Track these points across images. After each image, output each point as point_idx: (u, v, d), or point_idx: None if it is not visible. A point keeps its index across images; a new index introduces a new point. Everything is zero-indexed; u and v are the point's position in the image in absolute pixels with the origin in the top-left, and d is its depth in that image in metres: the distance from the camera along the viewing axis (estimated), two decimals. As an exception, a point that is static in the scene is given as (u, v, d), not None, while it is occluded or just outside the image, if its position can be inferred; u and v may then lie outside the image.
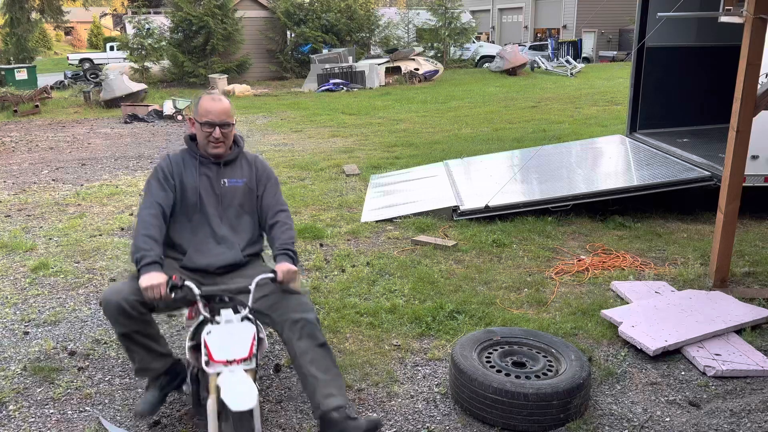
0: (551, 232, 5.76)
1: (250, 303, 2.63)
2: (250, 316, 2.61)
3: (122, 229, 6.13)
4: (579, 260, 5.07)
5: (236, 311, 2.61)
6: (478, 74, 23.39)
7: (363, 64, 20.35)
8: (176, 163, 2.98)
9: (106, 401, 3.30)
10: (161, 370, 2.93)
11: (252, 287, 2.63)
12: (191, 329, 2.79)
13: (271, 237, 2.98)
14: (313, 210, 6.66)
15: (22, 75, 19.16)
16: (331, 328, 3.98)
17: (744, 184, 4.66)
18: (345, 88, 18.87)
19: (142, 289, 2.59)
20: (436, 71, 21.79)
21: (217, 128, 2.89)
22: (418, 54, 23.01)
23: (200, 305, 2.60)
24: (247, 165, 3.09)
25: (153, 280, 2.59)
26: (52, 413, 3.20)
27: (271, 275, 2.70)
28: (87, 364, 3.67)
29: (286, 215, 3.05)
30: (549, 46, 28.24)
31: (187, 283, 2.60)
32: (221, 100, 2.92)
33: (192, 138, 3.03)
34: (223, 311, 2.55)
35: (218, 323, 2.53)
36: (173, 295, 2.60)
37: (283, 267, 2.75)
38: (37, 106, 15.58)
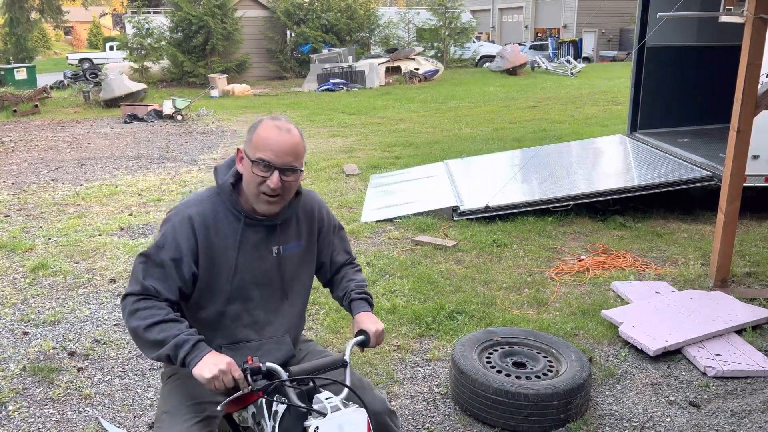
0: (552, 232, 5.76)
1: (348, 380, 1.94)
2: (356, 400, 1.89)
3: (122, 229, 6.13)
4: (579, 260, 5.07)
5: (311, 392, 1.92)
6: (478, 74, 23.39)
7: (363, 64, 20.35)
8: (203, 228, 1.95)
9: (106, 401, 3.29)
10: None
11: (347, 357, 1.97)
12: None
13: (339, 276, 2.27)
14: (313, 210, 6.65)
15: (21, 75, 19.16)
16: (331, 328, 3.97)
17: (744, 184, 4.65)
18: (345, 88, 18.86)
19: (205, 382, 1.75)
20: (436, 71, 21.79)
21: (276, 173, 1.88)
22: (418, 53, 23.01)
23: (293, 395, 1.86)
24: (305, 217, 2.14)
25: (218, 364, 1.76)
26: (51, 413, 3.19)
27: (362, 339, 2.05)
28: (86, 364, 3.66)
29: (356, 260, 2.36)
30: (549, 46, 28.24)
31: (269, 365, 1.84)
32: (290, 131, 1.91)
33: (234, 184, 2.00)
34: (320, 397, 1.84)
35: (324, 415, 1.78)
36: (253, 381, 1.81)
37: (373, 328, 2.04)
38: (36, 105, 15.58)
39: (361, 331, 2.05)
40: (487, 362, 3.18)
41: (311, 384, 1.92)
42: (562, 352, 3.21)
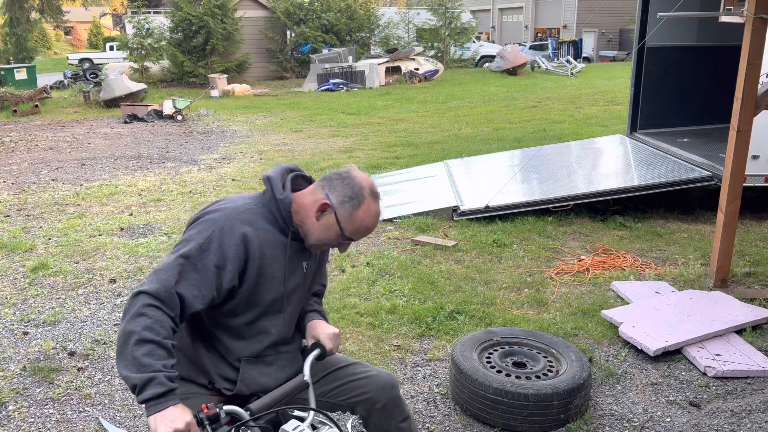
0: (551, 232, 5.76)
1: (313, 402, 1.91)
2: (326, 420, 1.84)
3: (122, 229, 6.13)
4: (579, 260, 5.07)
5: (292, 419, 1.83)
6: (478, 74, 23.39)
7: (363, 64, 20.35)
8: (256, 239, 1.88)
9: (106, 401, 3.29)
10: None
11: (308, 378, 1.91)
12: None
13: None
14: (313, 210, 6.65)
15: (21, 75, 19.17)
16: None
17: (744, 184, 4.65)
18: (345, 88, 18.86)
19: None
20: (436, 71, 21.78)
21: (353, 242, 2.00)
22: (418, 54, 23.01)
23: None
24: None
25: (175, 421, 1.63)
26: (51, 413, 3.20)
27: (318, 353, 2.01)
28: (86, 364, 3.66)
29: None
30: (549, 46, 28.24)
31: (228, 408, 1.71)
32: (380, 211, 1.97)
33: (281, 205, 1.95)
34: (286, 428, 1.74)
35: None
36: (213, 430, 1.68)
37: (327, 331, 2.07)
38: (36, 105, 15.58)
39: (315, 344, 2.02)
40: (487, 362, 3.18)
41: (276, 413, 1.83)
42: (562, 352, 3.21)
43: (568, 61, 24.28)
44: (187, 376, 1.99)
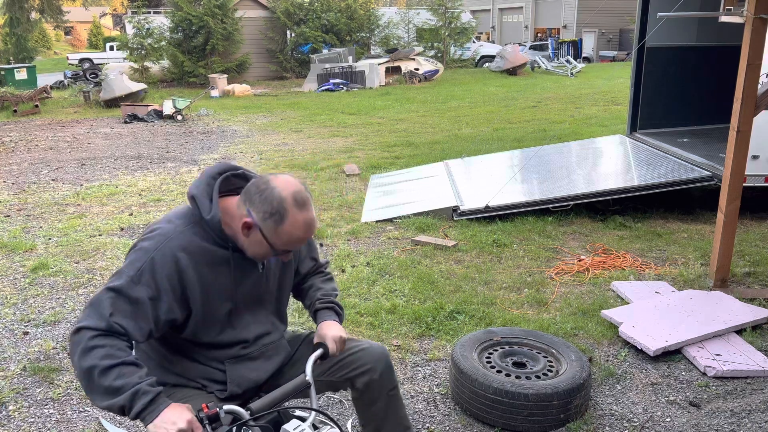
0: (551, 232, 5.76)
1: (314, 402, 1.88)
2: (327, 420, 1.85)
3: (122, 229, 6.13)
4: (579, 260, 5.07)
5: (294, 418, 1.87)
6: (478, 74, 23.38)
7: (363, 64, 20.35)
8: (191, 263, 1.83)
9: (106, 401, 3.29)
10: None
11: (309, 377, 1.88)
12: None
13: (306, 286, 2.24)
14: (313, 210, 6.64)
15: (21, 75, 19.17)
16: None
17: (744, 184, 4.65)
18: (345, 88, 18.86)
19: None
20: (436, 71, 21.78)
21: (291, 252, 1.92)
22: (418, 54, 23.01)
23: None
24: None
25: (176, 423, 1.60)
26: (51, 413, 3.20)
27: (320, 352, 1.99)
28: (87, 364, 3.66)
29: (326, 267, 2.33)
30: (549, 46, 28.24)
31: (228, 407, 1.70)
32: (314, 222, 1.85)
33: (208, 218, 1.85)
34: (287, 428, 1.74)
35: None
36: (213, 429, 1.67)
37: (334, 334, 2.03)
38: (36, 105, 15.59)
39: (319, 344, 2.03)
40: (487, 362, 3.18)
41: (277, 413, 1.83)
42: (562, 352, 3.21)
43: (568, 61, 24.27)
44: (179, 383, 1.98)
